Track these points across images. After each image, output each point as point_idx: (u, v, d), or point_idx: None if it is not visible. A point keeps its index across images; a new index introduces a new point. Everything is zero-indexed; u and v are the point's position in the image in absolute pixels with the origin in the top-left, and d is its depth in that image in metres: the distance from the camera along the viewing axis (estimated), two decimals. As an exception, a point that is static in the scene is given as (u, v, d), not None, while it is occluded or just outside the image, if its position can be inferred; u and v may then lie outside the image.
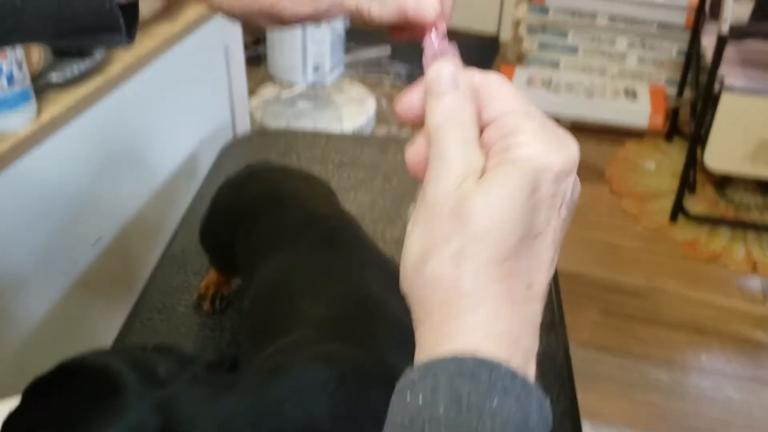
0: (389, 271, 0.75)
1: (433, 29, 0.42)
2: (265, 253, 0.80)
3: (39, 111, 1.00)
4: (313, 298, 0.68)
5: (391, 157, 1.31)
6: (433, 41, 0.42)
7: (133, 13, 0.48)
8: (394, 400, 0.33)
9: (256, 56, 2.04)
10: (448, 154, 0.34)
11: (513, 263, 0.33)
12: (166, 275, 1.03)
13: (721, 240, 2.03)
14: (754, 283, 1.90)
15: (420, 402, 0.31)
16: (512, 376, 0.32)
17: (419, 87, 0.38)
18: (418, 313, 0.34)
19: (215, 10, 0.45)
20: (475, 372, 0.31)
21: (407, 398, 0.32)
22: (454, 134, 0.35)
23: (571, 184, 0.35)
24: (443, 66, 0.37)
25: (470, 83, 0.37)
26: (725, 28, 1.80)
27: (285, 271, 0.76)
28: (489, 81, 0.37)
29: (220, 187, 0.95)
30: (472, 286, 0.32)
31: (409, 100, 0.38)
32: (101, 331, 1.16)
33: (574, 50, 2.66)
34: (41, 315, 1.07)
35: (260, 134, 1.38)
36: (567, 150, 0.34)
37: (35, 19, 0.45)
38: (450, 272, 0.33)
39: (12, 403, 0.52)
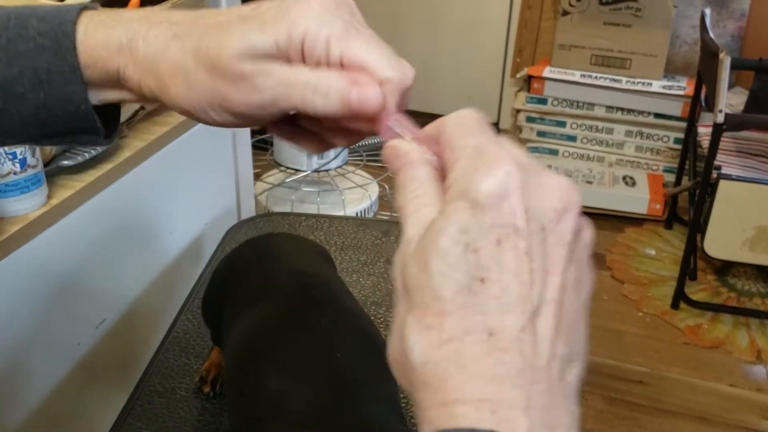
0: (363, 331, 0.74)
1: (390, 118, 0.41)
2: (238, 312, 0.79)
3: (50, 195, 1.03)
4: (281, 374, 0.66)
5: (393, 241, 1.32)
6: (391, 128, 0.41)
7: (114, 114, 0.49)
8: None
9: (263, 143, 2.09)
10: (405, 227, 0.35)
11: (456, 319, 0.30)
12: (167, 358, 1.03)
13: (723, 327, 2.02)
14: (759, 371, 1.88)
15: None
16: None
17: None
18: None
19: (170, 107, 0.45)
20: None
21: None
22: (409, 208, 0.35)
23: (540, 212, 0.32)
24: (389, 146, 0.39)
25: (428, 134, 0.39)
26: (720, 118, 1.85)
27: (252, 333, 0.73)
28: (444, 125, 0.39)
29: (221, 259, 0.97)
30: (420, 360, 0.31)
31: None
32: (102, 412, 1.15)
33: (572, 138, 2.72)
34: (43, 395, 1.07)
35: (264, 217, 1.40)
36: (499, 171, 0.32)
37: (16, 121, 0.46)
38: (398, 354, 0.32)
39: None
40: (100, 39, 0.45)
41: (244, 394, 0.69)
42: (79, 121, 0.46)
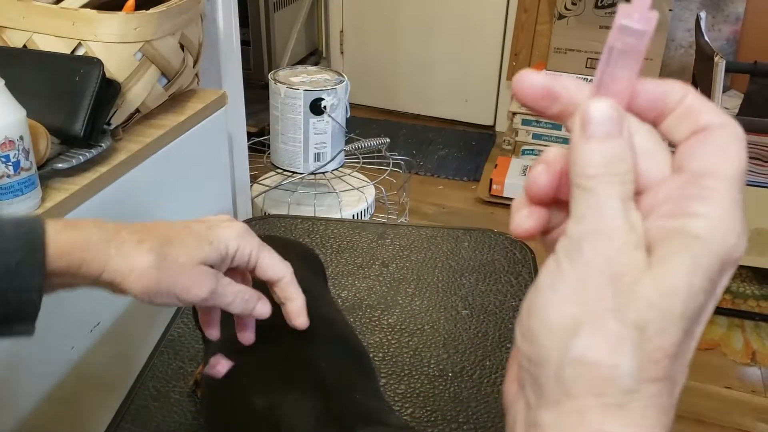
0: (343, 340, 0.74)
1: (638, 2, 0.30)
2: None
3: (43, 198, 1.03)
4: (265, 390, 0.66)
5: (389, 243, 1.32)
6: (634, 12, 0.30)
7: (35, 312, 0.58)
8: None
9: (260, 145, 2.10)
10: (608, 211, 0.29)
11: (671, 361, 0.28)
12: (162, 361, 1.03)
13: (718, 329, 2.02)
14: (754, 373, 1.88)
15: None
16: None
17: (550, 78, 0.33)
18: (553, 389, 0.29)
19: (119, 291, 0.58)
20: None
21: None
22: (614, 189, 0.29)
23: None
24: (606, 107, 0.31)
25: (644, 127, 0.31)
26: (714, 122, 1.85)
27: (228, 346, 0.73)
28: (721, 129, 0.30)
29: None
30: (627, 383, 0.28)
31: (537, 85, 0.33)
32: (96, 416, 1.15)
33: (567, 141, 2.72)
34: (37, 399, 1.07)
35: (260, 219, 1.40)
36: (746, 238, 0.29)
37: None
38: (606, 359, 0.28)
39: None
40: (68, 237, 0.56)
41: (228, 414, 0.69)
42: (23, 310, 0.57)
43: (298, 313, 0.66)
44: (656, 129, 0.32)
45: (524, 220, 0.33)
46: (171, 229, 0.60)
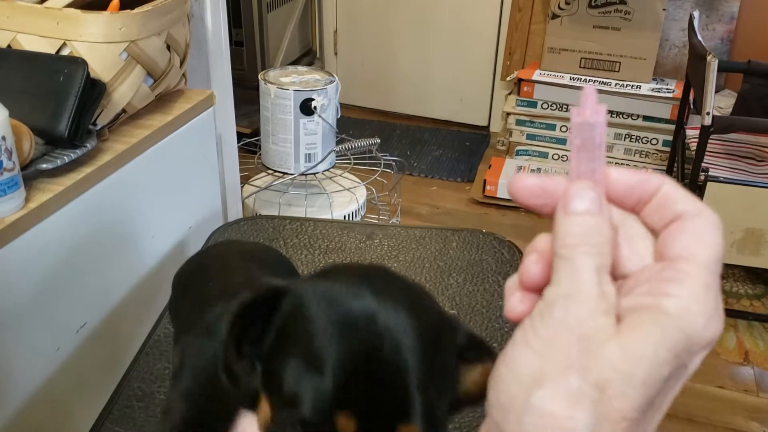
0: None
1: (587, 95, 0.34)
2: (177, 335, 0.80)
3: (27, 198, 1.02)
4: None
5: (377, 244, 1.32)
6: (585, 109, 0.34)
7: None
8: None
9: (251, 146, 2.09)
10: (583, 278, 0.31)
11: (630, 425, 0.30)
12: (147, 362, 1.03)
13: (712, 329, 2.02)
14: (747, 372, 1.88)
15: None
16: None
17: (541, 178, 0.35)
18: None
19: None
20: None
21: None
22: (590, 259, 0.31)
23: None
24: (585, 186, 0.33)
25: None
26: (708, 120, 1.85)
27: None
28: (697, 217, 0.33)
29: (180, 267, 0.96)
30: None
31: (530, 184, 0.35)
32: (82, 417, 1.14)
33: (562, 141, 2.72)
34: (23, 400, 1.06)
35: (249, 220, 1.39)
36: (719, 323, 0.31)
37: None
38: (563, 412, 0.29)
39: None
40: None
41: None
42: None
43: None
44: (638, 217, 0.35)
45: (518, 304, 0.35)
46: None
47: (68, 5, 1.16)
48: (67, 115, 1.09)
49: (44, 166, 1.06)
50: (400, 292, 0.46)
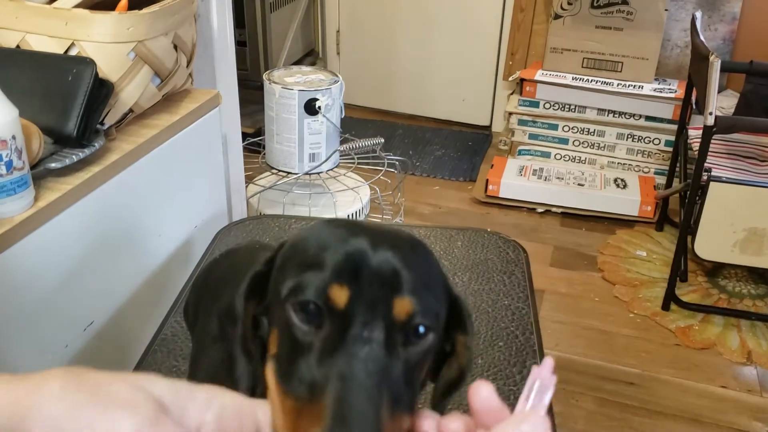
0: None
1: (545, 364, 0.45)
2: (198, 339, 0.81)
3: (36, 197, 1.03)
4: None
5: (382, 244, 1.33)
6: (542, 374, 0.45)
7: None
8: None
9: (255, 146, 2.10)
10: None
11: None
12: (155, 360, 1.03)
13: (714, 328, 2.02)
14: (750, 372, 1.89)
15: None
16: None
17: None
18: None
19: None
20: None
21: None
22: None
23: None
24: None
25: None
26: (710, 121, 1.86)
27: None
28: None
29: (205, 265, 0.97)
30: None
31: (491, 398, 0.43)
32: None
33: (564, 141, 2.72)
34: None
35: (254, 219, 1.40)
36: None
37: None
38: None
39: None
40: None
41: None
42: None
43: None
44: None
45: None
46: None
47: (77, 6, 1.16)
48: (76, 114, 1.10)
49: (53, 165, 1.07)
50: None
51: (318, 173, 1.94)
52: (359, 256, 0.45)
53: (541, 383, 0.44)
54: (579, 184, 2.57)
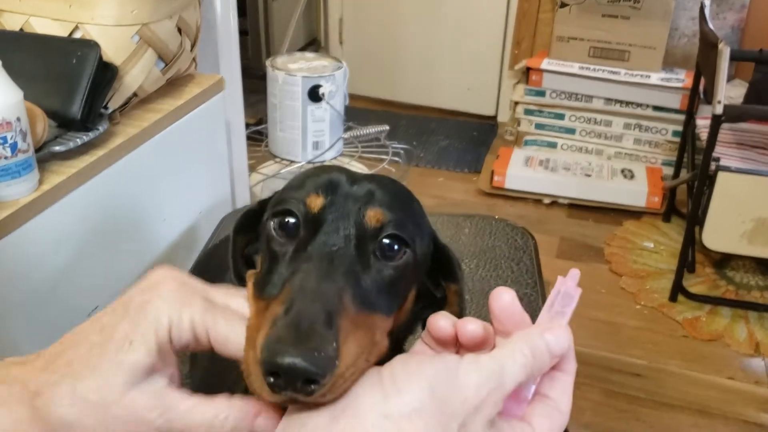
0: None
1: (572, 274, 0.47)
2: None
3: (41, 180, 1.01)
4: None
5: (389, 231, 1.31)
6: (568, 283, 0.46)
7: None
8: None
9: (258, 134, 2.08)
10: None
11: None
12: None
13: (722, 320, 2.01)
14: (758, 364, 1.87)
15: None
16: None
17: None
18: None
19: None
20: None
21: None
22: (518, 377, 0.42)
23: None
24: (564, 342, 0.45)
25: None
26: (719, 109, 1.84)
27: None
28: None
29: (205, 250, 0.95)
30: None
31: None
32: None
33: (571, 131, 2.70)
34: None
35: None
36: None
37: None
38: None
39: None
40: None
41: None
42: None
43: None
44: None
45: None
46: (75, 346, 0.43)
47: (80, -13, 1.14)
48: (80, 97, 1.08)
49: (57, 148, 1.06)
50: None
51: (322, 162, 1.93)
52: (338, 179, 0.49)
53: (565, 292, 0.45)
54: (586, 175, 2.55)
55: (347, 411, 0.39)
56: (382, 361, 0.43)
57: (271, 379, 0.39)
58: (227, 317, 0.44)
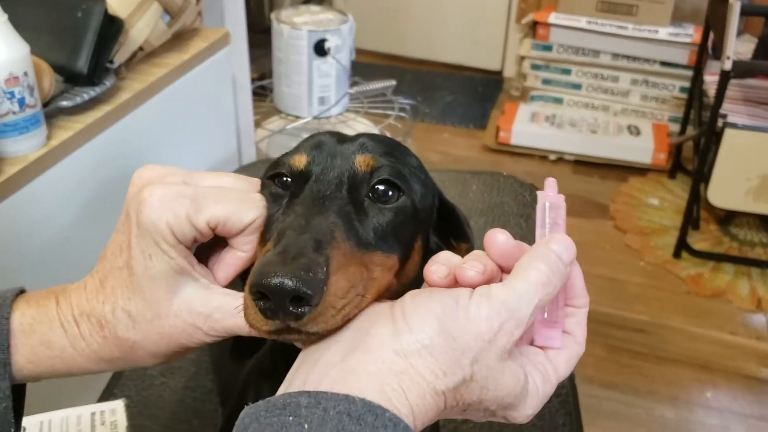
0: None
1: (549, 184, 0.46)
2: None
3: (49, 136, 1.01)
4: None
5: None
6: (548, 195, 0.46)
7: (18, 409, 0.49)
8: (267, 409, 0.36)
9: (263, 90, 2.06)
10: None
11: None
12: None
13: (725, 276, 2.02)
14: (759, 319, 1.89)
15: (305, 429, 0.35)
16: (395, 423, 0.36)
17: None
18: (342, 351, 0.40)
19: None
20: (362, 414, 0.35)
21: (288, 418, 0.35)
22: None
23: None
24: (570, 248, 0.44)
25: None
26: (728, 65, 1.82)
27: None
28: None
29: None
30: None
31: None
32: (98, 376, 1.15)
33: (577, 87, 2.68)
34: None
35: (264, 163, 1.38)
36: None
37: None
38: None
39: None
40: (39, 340, 0.47)
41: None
42: None
43: None
44: None
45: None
46: (110, 273, 0.48)
47: (84, -62, 1.12)
48: (87, 51, 1.07)
49: (64, 103, 1.05)
50: None
51: (327, 117, 1.92)
52: (326, 139, 0.50)
53: (551, 204, 0.45)
54: (592, 131, 2.54)
55: (359, 347, 0.39)
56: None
57: (261, 304, 0.39)
58: (217, 197, 0.46)
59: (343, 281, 0.41)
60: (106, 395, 0.86)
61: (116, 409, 0.75)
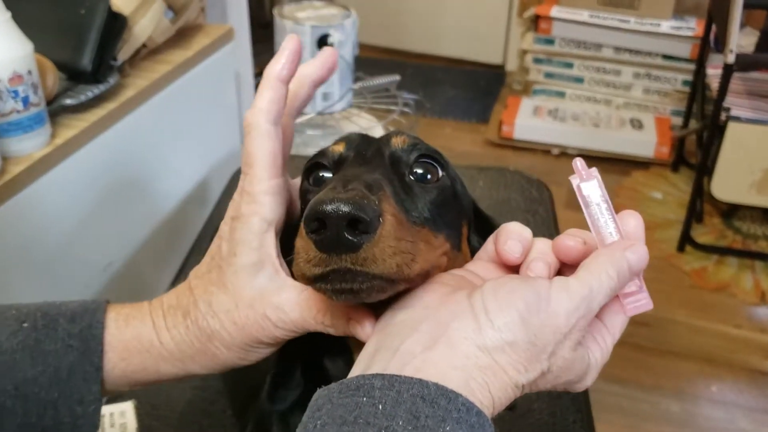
0: None
1: (578, 163, 0.48)
2: None
3: (53, 134, 1.01)
4: None
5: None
6: (580, 170, 0.48)
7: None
8: (341, 391, 0.37)
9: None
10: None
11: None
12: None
13: (729, 269, 2.02)
14: (763, 312, 1.89)
15: (379, 409, 0.35)
16: (468, 408, 0.36)
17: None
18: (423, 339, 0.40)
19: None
20: (435, 398, 0.36)
21: (362, 398, 0.36)
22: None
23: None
24: (644, 260, 0.46)
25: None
26: (731, 58, 1.81)
27: None
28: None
29: None
30: None
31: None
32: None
33: (579, 80, 2.67)
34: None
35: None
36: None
37: (17, 422, 0.48)
38: None
39: None
40: (132, 334, 0.51)
41: None
42: (79, 426, 0.49)
43: None
44: None
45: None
46: (207, 273, 0.51)
47: (87, -66, 1.12)
48: (90, 49, 1.07)
49: (68, 101, 1.05)
50: None
51: (331, 113, 1.91)
52: (357, 135, 0.52)
53: (602, 196, 0.47)
54: (594, 125, 2.53)
55: (441, 340, 0.40)
56: None
57: (315, 236, 0.39)
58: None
59: (395, 225, 0.41)
60: (116, 397, 0.86)
61: (126, 410, 0.74)
